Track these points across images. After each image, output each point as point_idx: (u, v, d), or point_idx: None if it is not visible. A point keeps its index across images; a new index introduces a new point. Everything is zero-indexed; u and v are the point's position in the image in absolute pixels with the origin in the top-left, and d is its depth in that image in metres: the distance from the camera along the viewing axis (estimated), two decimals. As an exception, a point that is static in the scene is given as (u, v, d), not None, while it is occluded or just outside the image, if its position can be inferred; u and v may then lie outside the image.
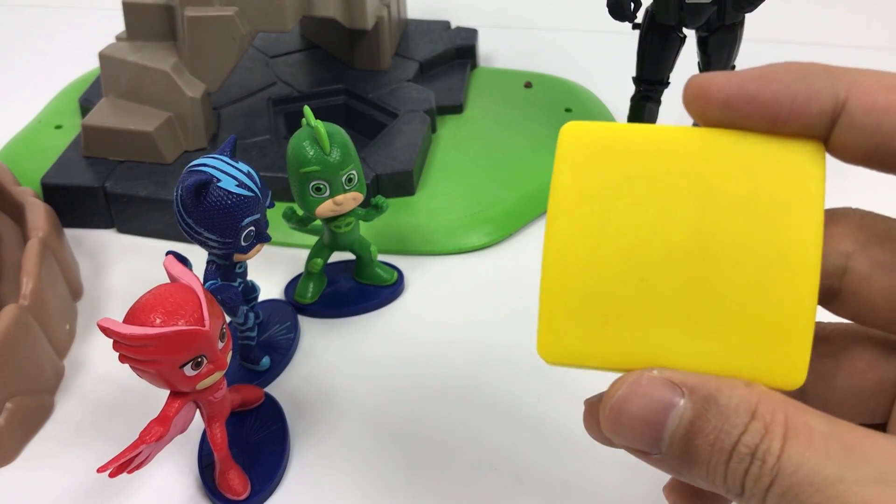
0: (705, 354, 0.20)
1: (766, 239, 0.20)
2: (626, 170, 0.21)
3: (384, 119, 0.52)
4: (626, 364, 0.20)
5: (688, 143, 0.21)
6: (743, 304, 0.20)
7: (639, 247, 0.20)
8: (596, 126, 0.21)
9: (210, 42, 0.48)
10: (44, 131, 0.54)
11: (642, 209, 0.20)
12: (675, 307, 0.20)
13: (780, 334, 0.20)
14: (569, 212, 0.21)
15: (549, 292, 0.21)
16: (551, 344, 0.21)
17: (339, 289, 0.44)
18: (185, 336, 0.27)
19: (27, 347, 0.37)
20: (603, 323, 0.20)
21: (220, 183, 0.32)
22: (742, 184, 0.20)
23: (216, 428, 0.32)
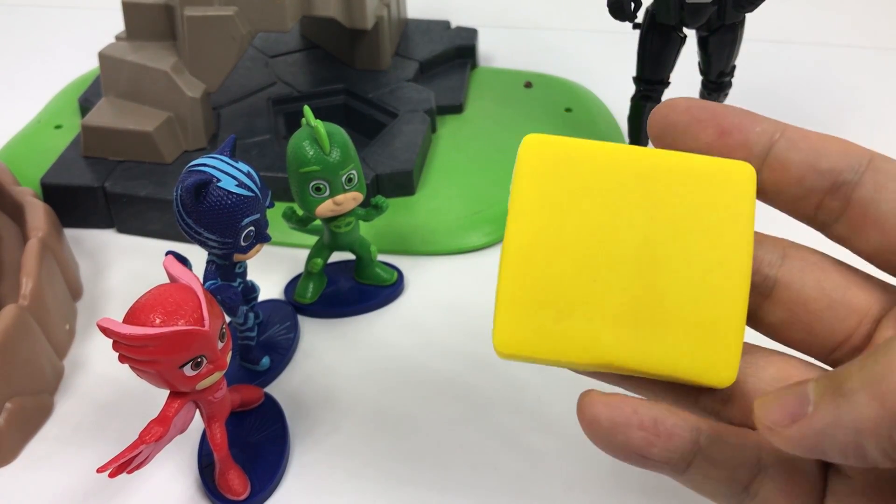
0: (647, 351, 0.22)
1: (703, 248, 0.22)
2: (583, 181, 0.22)
3: (384, 119, 0.52)
4: (575, 357, 0.22)
5: (638, 160, 0.23)
6: (682, 306, 0.22)
7: (592, 250, 0.22)
8: (556, 140, 0.23)
9: (210, 42, 0.48)
10: (43, 131, 0.54)
11: (596, 216, 0.22)
12: (622, 306, 0.22)
13: (714, 335, 0.22)
14: (528, 214, 0.22)
15: (506, 288, 0.22)
16: (506, 337, 0.22)
17: (338, 289, 0.43)
18: (185, 336, 0.27)
19: (27, 347, 0.37)
20: (556, 318, 0.22)
21: (219, 183, 0.32)
22: (684, 198, 0.22)
23: (216, 428, 0.32)
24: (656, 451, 0.21)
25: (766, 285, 0.23)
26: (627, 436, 0.21)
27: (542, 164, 0.23)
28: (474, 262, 0.46)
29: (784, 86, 0.59)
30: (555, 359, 0.22)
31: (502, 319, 0.22)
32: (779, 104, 0.56)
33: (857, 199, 0.22)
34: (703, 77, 0.48)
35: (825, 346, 0.23)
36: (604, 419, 0.21)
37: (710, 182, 0.22)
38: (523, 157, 0.23)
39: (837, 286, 0.23)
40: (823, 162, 0.22)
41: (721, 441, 0.22)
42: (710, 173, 0.22)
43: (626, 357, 0.22)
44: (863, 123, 0.55)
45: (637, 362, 0.22)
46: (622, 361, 0.22)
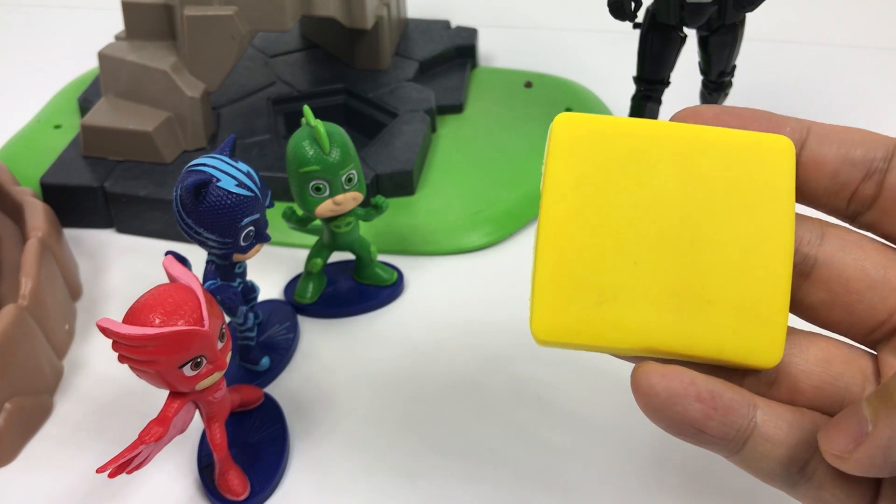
0: (691, 334, 0.21)
1: (744, 225, 0.21)
2: (618, 159, 0.22)
3: (384, 119, 0.52)
4: (618, 342, 0.21)
5: (675, 136, 0.22)
6: (725, 285, 0.21)
7: (630, 230, 0.21)
8: (588, 118, 0.22)
9: (209, 41, 0.48)
10: (43, 131, 0.54)
11: (633, 195, 0.22)
12: (664, 289, 0.21)
13: (759, 315, 0.21)
14: (563, 196, 0.22)
15: (544, 272, 0.22)
16: (545, 322, 0.21)
17: (338, 289, 0.43)
18: (185, 336, 0.27)
19: (26, 348, 0.37)
20: (597, 302, 0.21)
21: (219, 183, 0.32)
22: (723, 174, 0.22)
23: (216, 428, 0.32)
24: (714, 424, 0.21)
25: (806, 265, 0.23)
26: (685, 407, 0.20)
27: (576, 142, 0.22)
28: (474, 262, 0.46)
29: (784, 86, 0.59)
30: (596, 344, 0.21)
31: (541, 304, 0.21)
32: (779, 104, 0.56)
33: (889, 184, 0.22)
34: (703, 77, 0.48)
35: (864, 327, 0.23)
36: (661, 389, 0.20)
37: (748, 157, 0.22)
38: (556, 136, 0.22)
39: (878, 265, 0.22)
40: (855, 152, 0.22)
41: (779, 418, 0.21)
42: (748, 148, 0.22)
43: (670, 341, 0.21)
44: (863, 123, 0.54)
45: (682, 346, 0.21)
46: (667, 346, 0.21)
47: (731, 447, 0.21)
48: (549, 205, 0.22)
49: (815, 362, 0.22)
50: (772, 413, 0.21)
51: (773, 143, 0.22)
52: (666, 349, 0.21)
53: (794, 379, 0.22)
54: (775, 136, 0.22)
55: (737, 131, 0.22)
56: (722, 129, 0.22)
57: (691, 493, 0.34)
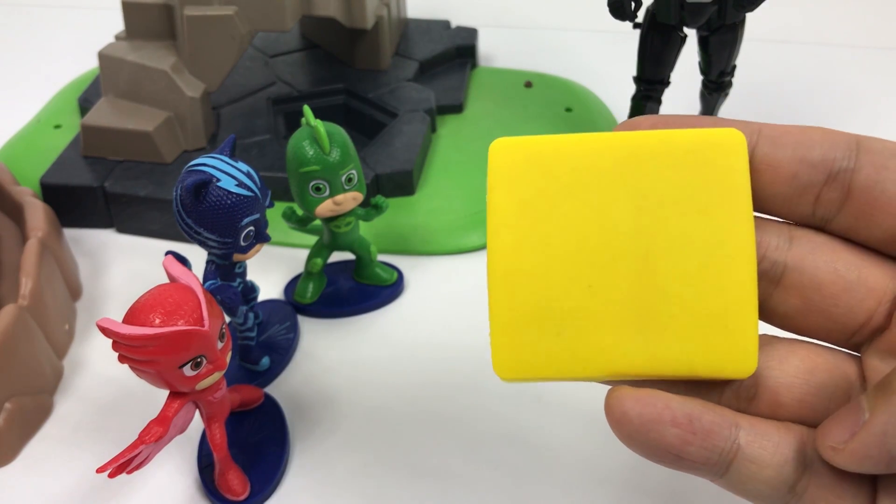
0: (659, 353, 0.20)
1: (701, 231, 0.20)
2: (560, 179, 0.21)
3: (384, 119, 0.52)
4: (584, 372, 0.20)
5: (617, 146, 0.21)
6: (687, 298, 0.20)
7: (582, 253, 0.21)
8: (525, 141, 0.21)
9: (209, 41, 0.48)
10: (43, 131, 0.54)
11: (580, 215, 0.21)
12: (624, 309, 0.20)
13: (727, 324, 0.20)
14: (508, 226, 0.21)
15: (498, 308, 0.21)
16: (506, 360, 0.21)
17: (338, 289, 0.43)
18: (185, 336, 0.27)
19: (26, 347, 0.37)
20: (556, 333, 0.20)
21: (219, 183, 0.32)
22: (671, 179, 0.21)
23: (216, 428, 0.32)
24: (693, 449, 0.20)
25: (776, 272, 0.22)
26: (661, 433, 0.19)
27: (515, 168, 0.21)
28: (474, 262, 0.46)
29: (784, 86, 0.59)
30: (562, 377, 0.21)
31: (499, 342, 0.21)
32: (779, 104, 0.56)
33: (858, 185, 0.21)
34: (703, 77, 0.48)
35: (844, 331, 0.22)
36: (634, 416, 0.19)
37: (696, 156, 0.20)
38: (494, 165, 0.21)
39: (851, 266, 0.21)
40: (813, 153, 0.21)
41: (763, 437, 0.20)
42: (695, 147, 0.20)
43: (637, 363, 0.20)
44: (863, 123, 0.55)
45: (650, 367, 0.20)
46: (635, 369, 0.20)
47: (715, 471, 0.20)
48: (494, 236, 0.21)
49: (795, 373, 0.21)
50: (755, 432, 0.20)
51: (721, 139, 0.21)
52: (635, 372, 0.20)
53: (775, 392, 0.21)
54: (723, 130, 0.21)
55: (681, 131, 0.21)
56: (665, 132, 0.21)
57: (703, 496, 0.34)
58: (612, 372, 0.20)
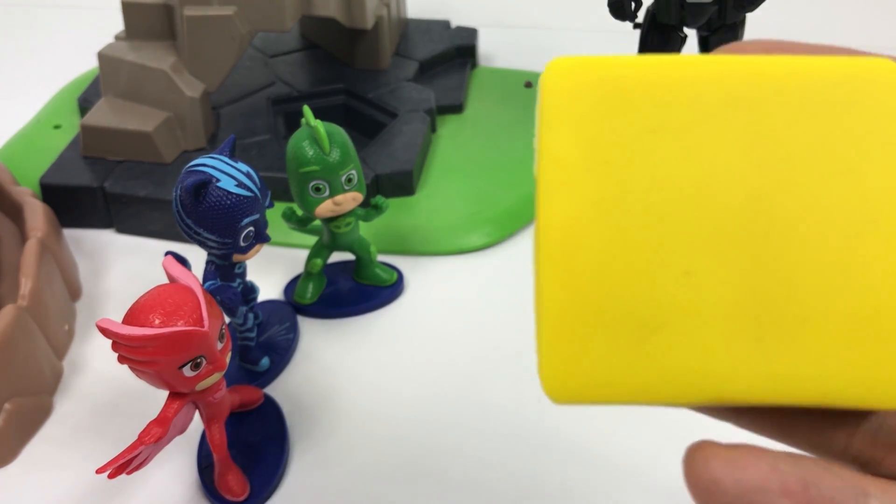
0: (783, 372, 0.15)
1: (846, 199, 0.15)
2: (647, 117, 0.15)
3: (384, 119, 0.52)
4: (675, 395, 0.15)
5: (724, 74, 0.15)
6: (824, 293, 0.15)
7: (676, 226, 0.15)
8: (595, 61, 0.15)
9: (209, 41, 0.48)
10: (42, 131, 0.54)
11: (675, 172, 0.15)
12: (735, 308, 0.15)
13: (880, 330, 0.14)
14: (569, 183, 0.15)
15: (552, 303, 0.15)
16: (563, 376, 0.15)
17: (338, 289, 0.43)
18: (184, 337, 0.27)
19: (26, 348, 0.37)
20: (638, 339, 0.15)
21: (219, 183, 0.32)
22: (806, 125, 0.15)
23: (215, 429, 0.32)
24: None
25: None
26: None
27: (581, 99, 0.15)
28: (474, 262, 0.46)
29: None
30: (643, 400, 0.15)
31: (552, 351, 0.15)
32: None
33: None
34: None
35: None
36: (730, 483, 0.14)
37: (840, 94, 0.15)
38: (550, 95, 0.15)
39: None
40: None
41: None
42: (839, 80, 0.15)
43: (752, 385, 0.15)
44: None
45: (770, 390, 0.15)
46: (748, 392, 0.15)
47: None
48: (549, 198, 0.15)
49: None
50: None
51: (876, 71, 0.15)
52: (748, 397, 0.15)
53: None
54: (877, 60, 0.15)
55: (815, 58, 0.15)
56: (793, 58, 0.15)
57: None
58: (716, 396, 0.15)
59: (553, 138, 0.15)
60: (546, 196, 0.15)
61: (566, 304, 0.15)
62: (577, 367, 0.15)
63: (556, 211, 0.15)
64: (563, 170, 0.15)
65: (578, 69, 0.15)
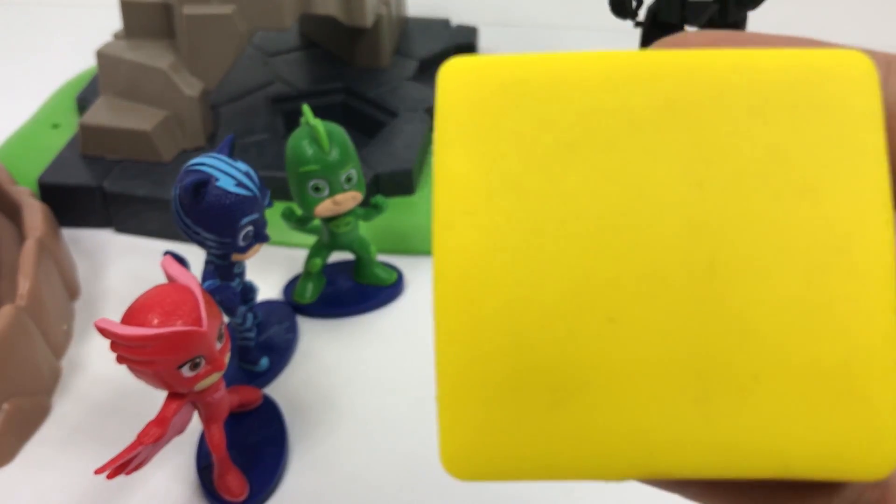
0: (732, 440, 0.12)
1: (805, 223, 0.12)
2: (563, 129, 0.13)
3: (384, 118, 0.52)
4: (600, 470, 0.13)
5: (661, 73, 0.13)
6: (785, 342, 0.12)
7: (599, 262, 0.12)
8: (499, 61, 0.13)
9: (208, 40, 0.47)
10: (41, 130, 0.54)
11: (597, 196, 0.12)
12: (672, 361, 0.12)
13: (850, 386, 0.12)
14: (471, 216, 0.12)
15: (451, 361, 0.12)
16: (466, 450, 0.12)
17: (338, 289, 0.43)
18: (183, 337, 0.27)
19: (24, 348, 0.36)
20: (552, 403, 0.12)
21: (218, 182, 0.31)
22: (755, 133, 0.12)
23: (214, 429, 0.32)
24: None
25: None
26: None
27: (482, 108, 0.13)
28: (474, 261, 0.45)
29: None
30: (561, 475, 0.13)
31: (451, 419, 0.12)
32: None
33: None
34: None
35: None
36: None
37: (795, 94, 0.12)
38: (444, 102, 0.13)
39: None
40: None
41: None
42: (793, 78, 0.12)
43: (694, 457, 0.12)
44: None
45: (715, 463, 0.12)
46: (687, 468, 0.12)
47: None
48: (446, 230, 0.13)
49: None
50: None
51: (836, 65, 0.12)
52: (687, 471, 0.12)
53: None
54: (838, 52, 0.12)
55: (771, 52, 0.12)
56: (739, 52, 0.13)
57: None
58: (650, 471, 0.12)
59: (450, 158, 0.13)
60: (442, 230, 0.13)
61: (467, 362, 0.12)
62: (481, 439, 0.12)
63: (454, 248, 0.12)
64: (463, 197, 0.13)
65: (479, 72, 0.13)
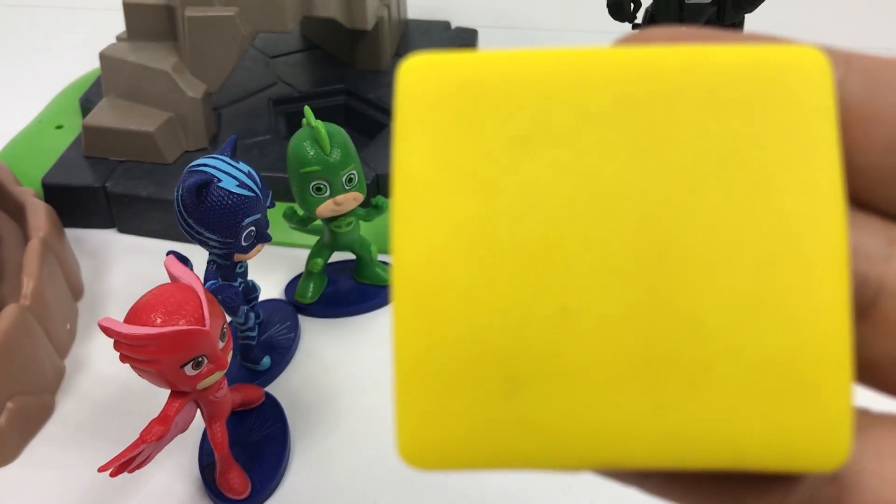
0: (683, 431, 0.12)
1: (756, 217, 0.12)
2: (519, 123, 0.13)
3: (384, 119, 0.52)
4: (552, 460, 0.12)
5: (617, 68, 0.13)
6: (736, 333, 0.12)
7: (552, 254, 0.12)
8: (456, 59, 0.13)
9: (210, 42, 0.48)
10: (44, 131, 0.54)
11: (551, 189, 0.12)
12: (623, 352, 0.12)
13: (801, 377, 0.12)
14: (428, 209, 0.13)
15: (407, 350, 0.12)
16: (420, 439, 0.12)
17: (339, 289, 0.43)
18: (186, 336, 0.27)
19: (28, 347, 0.37)
20: (505, 393, 0.12)
21: (220, 183, 0.32)
22: (709, 129, 0.12)
23: (217, 427, 0.32)
24: None
25: (865, 294, 0.13)
26: None
27: (440, 104, 0.13)
28: (474, 262, 0.46)
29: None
30: (515, 464, 0.13)
31: (407, 408, 0.13)
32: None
33: None
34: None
35: None
36: None
37: (748, 90, 0.12)
38: (403, 98, 0.13)
39: None
40: None
41: None
42: (748, 74, 0.12)
43: (644, 448, 0.12)
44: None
45: (666, 454, 0.12)
46: (638, 458, 0.12)
47: None
48: (404, 223, 0.13)
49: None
50: None
51: (790, 62, 0.12)
52: (639, 462, 0.12)
53: None
54: (793, 48, 0.12)
55: (726, 47, 0.13)
56: (697, 49, 0.13)
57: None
58: (602, 461, 0.12)
59: (407, 153, 0.13)
60: (400, 223, 0.13)
61: (423, 352, 0.12)
62: (436, 428, 0.12)
63: (412, 241, 0.13)
64: (420, 191, 0.13)
65: (436, 68, 0.13)
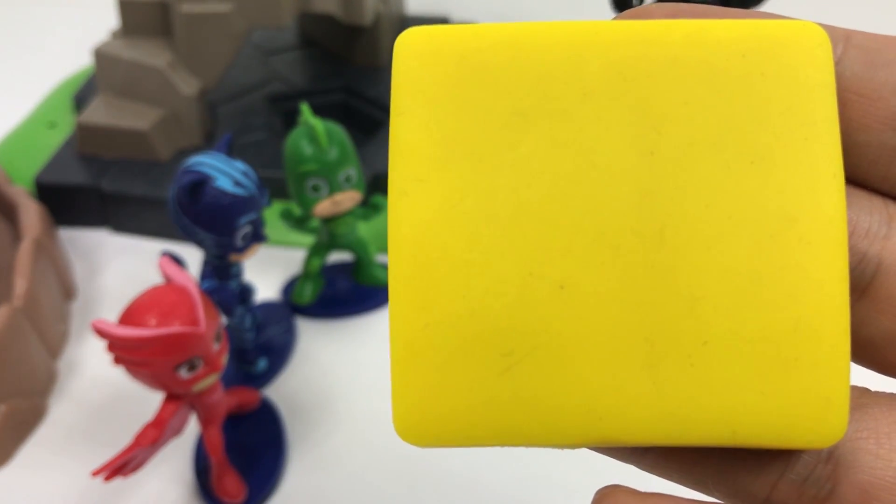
0: (681, 407, 0.12)
1: (761, 190, 0.12)
2: (516, 97, 0.13)
3: (383, 117, 0.52)
4: (550, 436, 0.13)
5: (615, 42, 0.13)
6: (734, 309, 0.12)
7: (550, 230, 0.12)
8: (454, 31, 0.13)
9: (206, 39, 0.47)
10: (37, 129, 0.54)
11: (549, 163, 0.13)
12: (621, 327, 0.12)
13: (798, 353, 0.12)
14: (425, 184, 0.13)
15: (403, 326, 0.13)
16: (416, 415, 0.13)
17: (337, 290, 0.43)
18: (180, 338, 0.27)
19: (20, 349, 0.36)
20: (501, 368, 0.12)
21: (216, 182, 0.31)
22: (708, 103, 0.12)
23: (212, 431, 0.32)
24: None
25: (864, 271, 0.13)
26: None
27: (437, 78, 0.13)
28: (474, 261, 0.45)
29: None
30: (513, 440, 0.13)
31: (402, 384, 0.13)
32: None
33: None
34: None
35: None
36: None
37: (748, 65, 0.12)
38: (399, 72, 0.13)
39: None
40: None
41: None
42: (748, 49, 0.12)
43: (643, 423, 0.12)
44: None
45: (665, 429, 0.12)
46: (636, 434, 0.12)
47: None
48: (401, 197, 0.13)
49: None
50: None
51: (790, 37, 0.13)
52: (636, 438, 0.13)
53: (865, 493, 0.12)
54: (793, 23, 0.13)
55: (725, 22, 0.13)
56: (697, 23, 0.13)
57: None
58: (599, 437, 0.13)
59: (404, 127, 0.13)
60: (396, 197, 0.13)
61: (420, 328, 0.13)
62: (432, 404, 0.13)
63: (408, 215, 0.13)
64: (417, 165, 0.13)
65: (435, 41, 0.13)
